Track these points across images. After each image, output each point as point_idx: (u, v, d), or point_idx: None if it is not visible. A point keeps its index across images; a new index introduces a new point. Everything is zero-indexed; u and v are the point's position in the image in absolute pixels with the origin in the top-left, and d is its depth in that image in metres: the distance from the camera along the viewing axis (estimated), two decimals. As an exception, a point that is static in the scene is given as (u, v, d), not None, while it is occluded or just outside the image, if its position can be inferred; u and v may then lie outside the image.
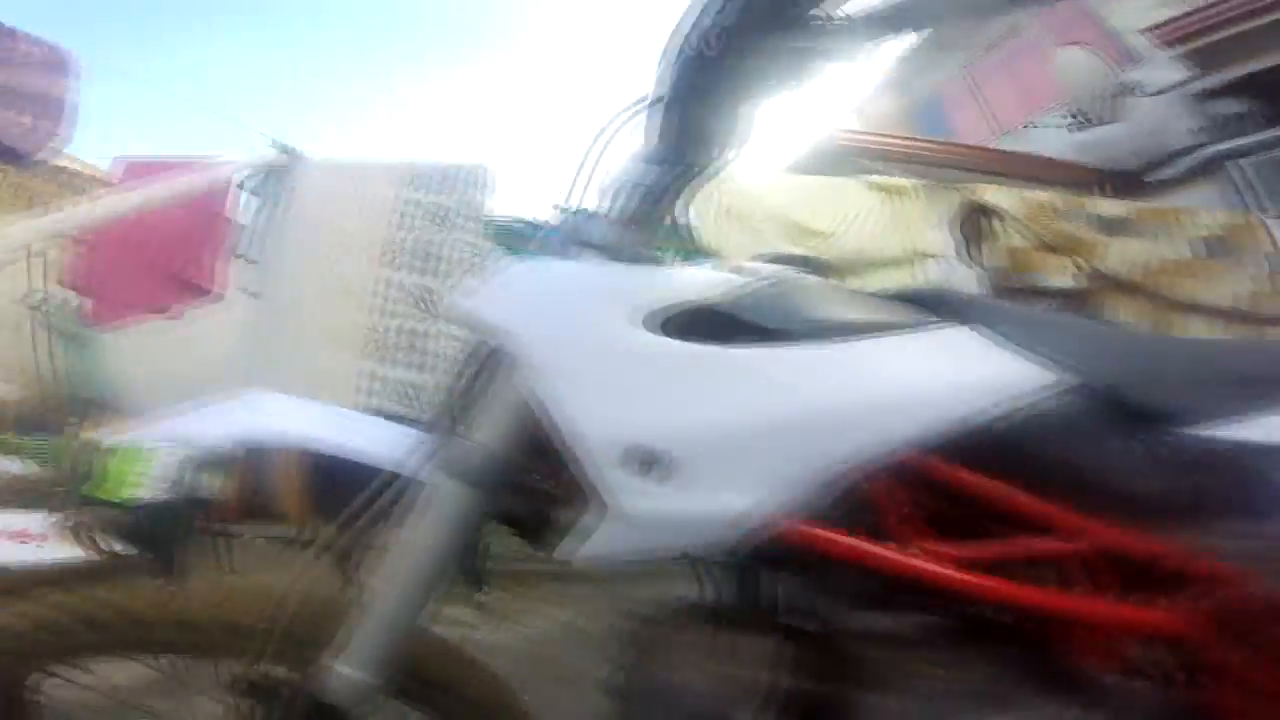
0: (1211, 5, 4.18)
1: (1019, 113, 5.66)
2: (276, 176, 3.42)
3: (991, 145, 4.77)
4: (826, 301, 0.59)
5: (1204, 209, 3.36)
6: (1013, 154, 4.38)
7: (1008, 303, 0.76)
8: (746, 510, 0.50)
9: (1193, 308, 2.82)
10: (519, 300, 0.59)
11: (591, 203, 0.69)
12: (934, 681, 0.58)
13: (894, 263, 3.85)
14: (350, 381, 3.20)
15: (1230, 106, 4.58)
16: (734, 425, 0.52)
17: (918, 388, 0.54)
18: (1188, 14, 4.19)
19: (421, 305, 3.38)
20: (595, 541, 0.52)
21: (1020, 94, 5.69)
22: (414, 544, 0.63)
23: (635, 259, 0.59)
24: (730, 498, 0.50)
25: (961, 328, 0.57)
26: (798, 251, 3.66)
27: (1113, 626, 0.57)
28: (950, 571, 0.53)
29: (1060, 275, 2.74)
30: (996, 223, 2.91)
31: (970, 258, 3.04)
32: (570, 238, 0.63)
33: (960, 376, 0.55)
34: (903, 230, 3.85)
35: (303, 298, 3.30)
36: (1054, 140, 5.07)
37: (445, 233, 3.49)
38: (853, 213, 3.82)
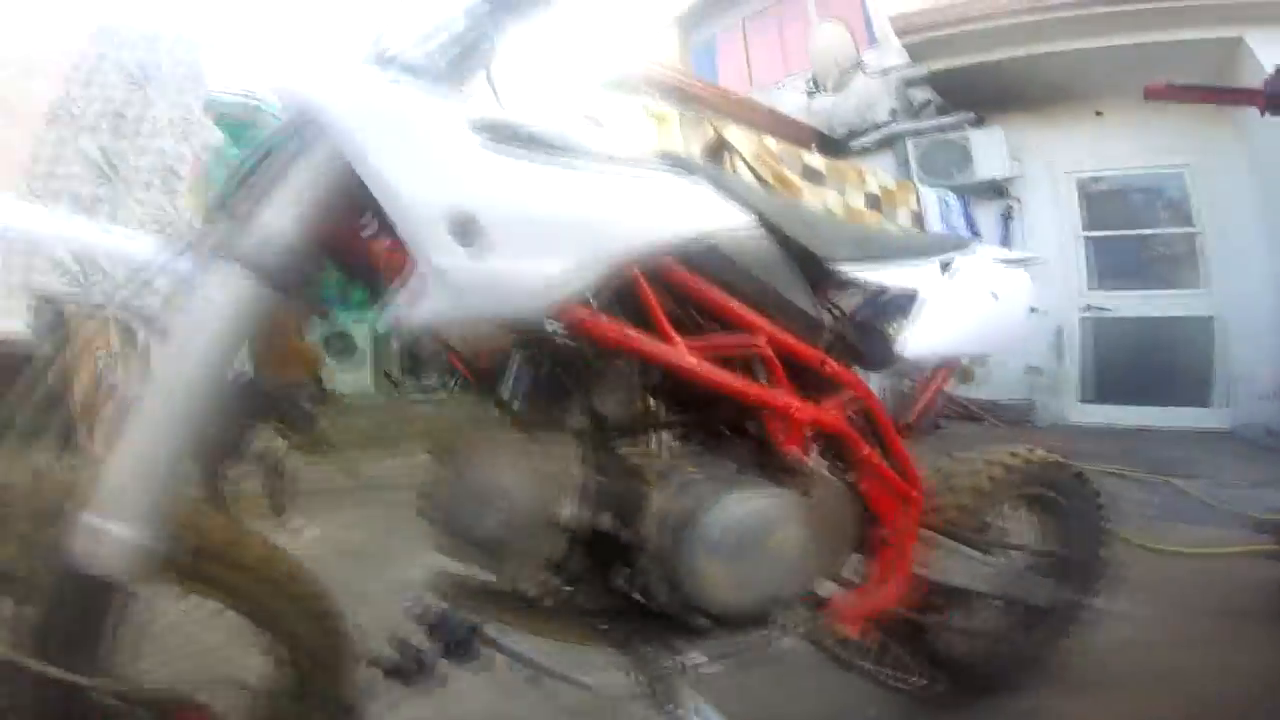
0: (943, 6, 5.07)
1: (774, 73, 6.43)
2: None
3: (745, 95, 5.34)
4: (613, 143, 0.70)
5: (878, 171, 4.22)
6: (757, 105, 4.97)
7: (725, 171, 0.96)
8: (549, 281, 0.58)
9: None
10: (349, 87, 0.57)
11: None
12: (684, 472, 0.75)
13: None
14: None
15: (920, 95, 5.69)
16: (540, 209, 0.59)
17: (673, 209, 0.70)
18: (921, 11, 4.91)
19: (104, 171, 2.84)
20: (417, 309, 0.55)
21: (779, 57, 6.47)
22: (187, 349, 0.55)
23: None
24: (537, 267, 0.58)
25: (702, 180, 0.75)
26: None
27: (791, 413, 0.77)
28: (689, 359, 0.69)
29: (770, 209, 3.29)
30: (731, 156, 3.34)
31: (707, 186, 3.47)
32: (377, 54, 0.63)
33: (699, 208, 0.73)
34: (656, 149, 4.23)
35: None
36: (790, 101, 5.87)
37: (145, 93, 2.94)
38: (623, 129, 4.06)
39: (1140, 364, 4.81)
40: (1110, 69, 4.51)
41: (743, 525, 0.71)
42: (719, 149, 3.41)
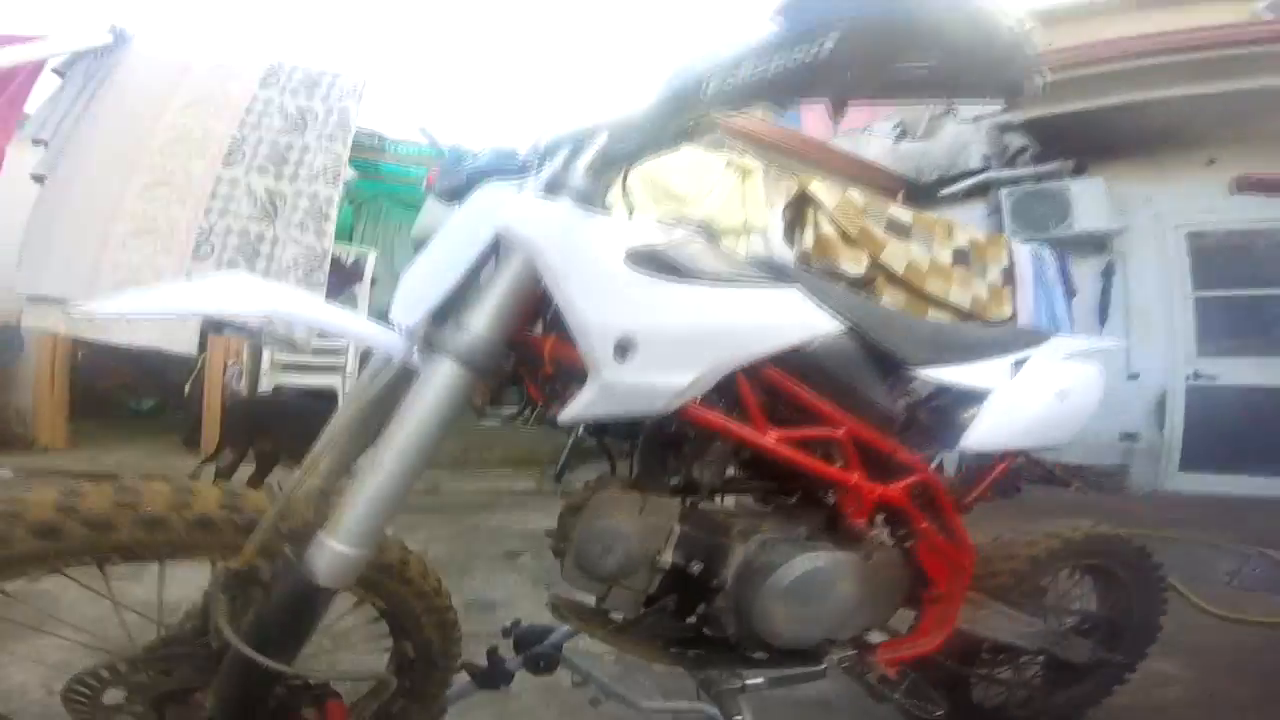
0: (1044, 54, 4.98)
1: (861, 117, 6.46)
2: (96, 58, 3.01)
3: (829, 142, 5.43)
4: (721, 258, 0.87)
5: (966, 224, 4.18)
6: (842, 154, 5.05)
7: (818, 276, 1.06)
8: (679, 388, 0.77)
9: (938, 303, 3.64)
10: (543, 226, 0.71)
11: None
12: (763, 533, 0.90)
13: (731, 232, 4.39)
14: (171, 279, 3.04)
15: (1014, 141, 5.58)
16: (674, 329, 0.77)
17: (770, 321, 0.86)
18: None
19: (267, 209, 3.25)
20: (585, 403, 0.72)
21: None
22: (412, 422, 0.70)
23: (601, 207, 0.78)
24: (671, 378, 0.76)
25: (791, 287, 0.90)
26: (659, 211, 4.00)
27: (861, 492, 0.92)
28: (776, 444, 0.86)
29: (852, 263, 3.37)
30: (815, 211, 3.46)
31: (790, 238, 3.60)
32: (547, 181, 0.77)
33: (794, 317, 0.89)
34: (743, 205, 4.38)
35: (112, 187, 2.94)
36: (878, 146, 5.88)
37: (304, 138, 3.34)
38: (709, 184, 4.27)
39: (1248, 432, 4.49)
40: (1219, 112, 4.32)
41: (809, 580, 0.86)
42: (802, 202, 3.53)
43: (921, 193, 5.61)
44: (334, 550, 0.68)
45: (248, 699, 0.71)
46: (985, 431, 1.00)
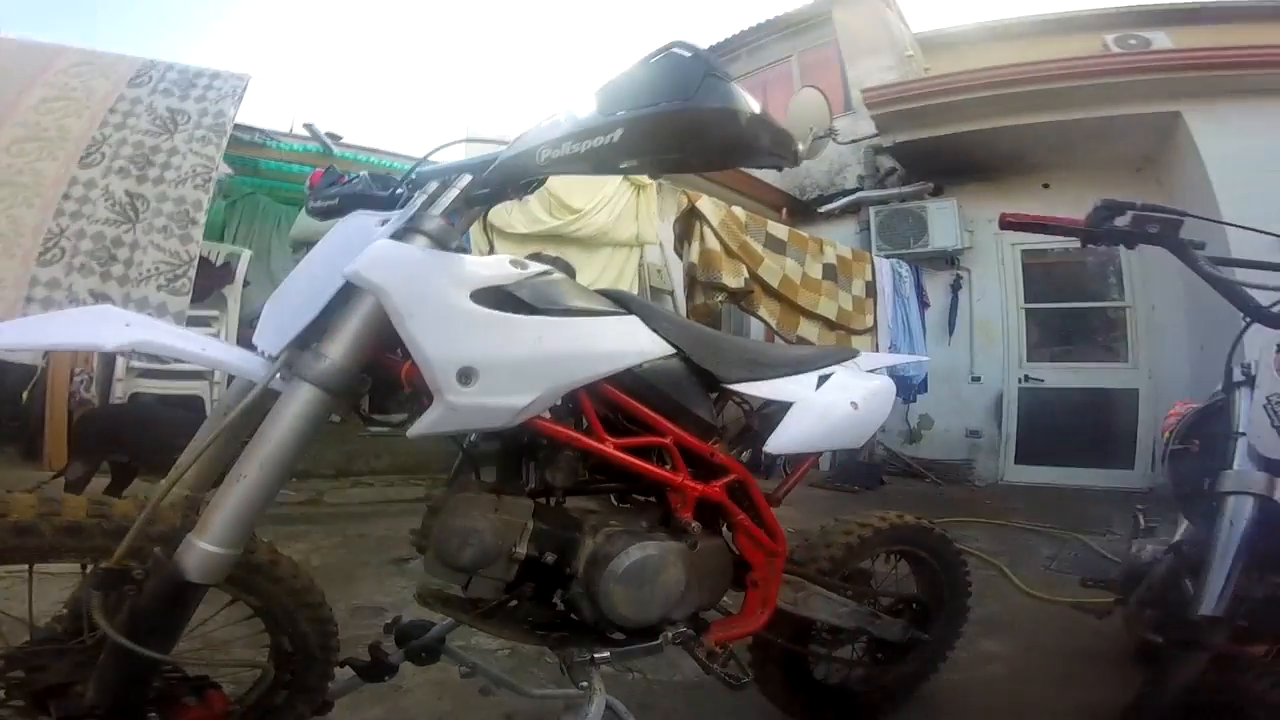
0: (910, 83, 5.43)
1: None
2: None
3: (722, 158, 5.72)
4: (567, 292, 0.98)
5: (835, 242, 4.57)
6: (734, 170, 5.35)
7: (654, 304, 1.17)
8: (518, 406, 0.87)
9: (808, 314, 4.00)
10: (391, 271, 0.80)
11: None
12: (609, 528, 1.03)
13: (624, 244, 4.58)
14: (18, 287, 2.80)
15: (885, 163, 6.11)
16: (514, 358, 0.87)
17: (608, 347, 0.99)
18: (890, 85, 5.40)
19: (127, 212, 2.99)
20: (431, 421, 0.81)
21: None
22: (275, 438, 0.78)
23: (456, 248, 0.87)
24: (509, 399, 0.86)
25: (630, 316, 1.05)
26: (554, 223, 4.10)
27: (685, 490, 1.07)
28: (614, 451, 1.00)
29: (733, 276, 3.62)
30: (702, 225, 3.67)
31: (678, 251, 3.81)
32: (407, 221, 0.87)
33: (627, 343, 1.03)
34: (636, 219, 4.59)
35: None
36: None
37: (173, 139, 3.15)
38: (604, 197, 4.42)
39: (1068, 428, 5.19)
40: (1055, 142, 4.90)
41: (643, 566, 1.00)
42: (690, 217, 3.74)
43: (803, 209, 6.06)
44: (203, 550, 0.74)
45: (128, 688, 0.76)
46: (787, 436, 1.19)
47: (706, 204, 3.73)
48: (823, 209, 5.99)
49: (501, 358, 0.86)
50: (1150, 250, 1.19)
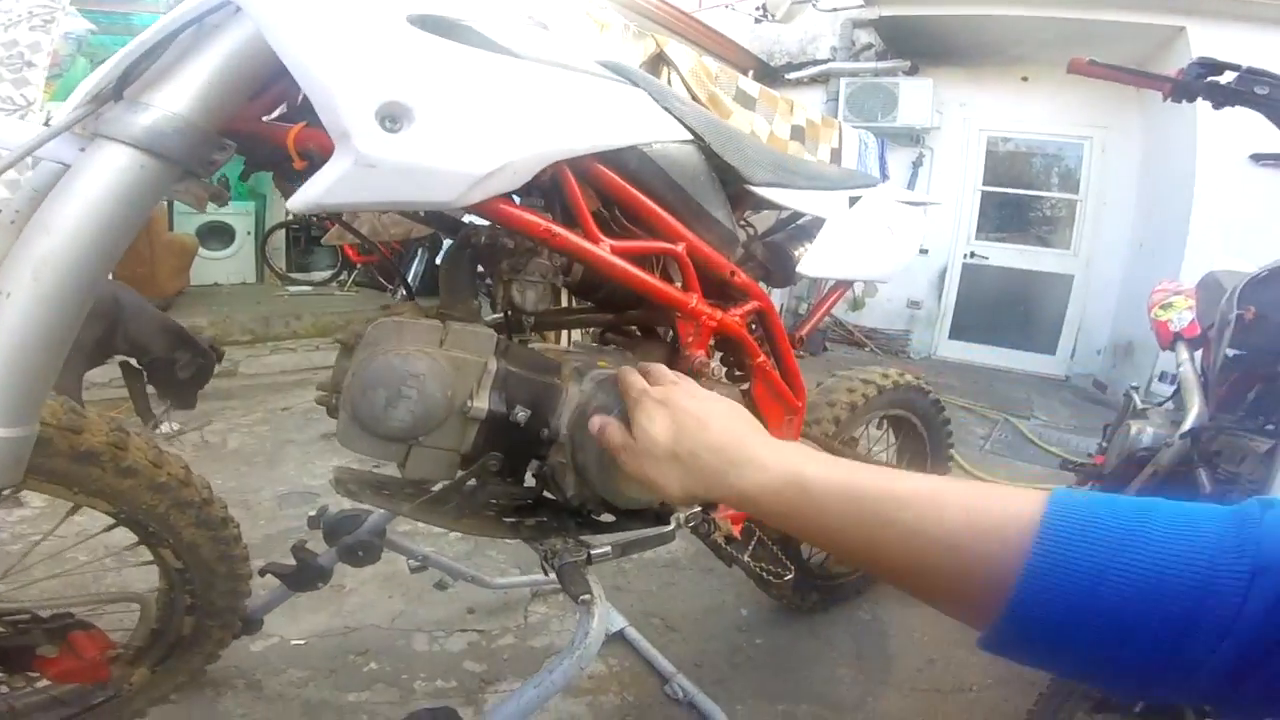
0: None
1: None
2: None
3: (694, 13, 5.15)
4: (554, 46, 0.66)
5: (806, 105, 4.29)
6: (703, 25, 4.83)
7: (668, 87, 0.93)
8: (475, 174, 0.56)
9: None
10: None
11: None
12: (599, 371, 0.73)
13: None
14: None
15: (862, 38, 5.71)
16: (471, 102, 0.56)
17: (610, 115, 0.69)
18: None
19: None
20: (337, 187, 0.51)
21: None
22: (62, 234, 0.50)
23: None
24: (461, 163, 0.56)
25: (637, 88, 0.74)
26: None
27: (699, 318, 0.80)
28: (610, 256, 0.70)
29: (701, 130, 3.29)
30: (669, 71, 3.28)
31: (642, 98, 3.41)
32: None
33: (635, 116, 0.73)
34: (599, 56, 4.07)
35: None
36: (737, 24, 5.73)
37: None
38: (566, 30, 3.85)
39: (1003, 309, 5.37)
40: (1046, 38, 4.68)
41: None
42: (658, 62, 3.34)
43: (771, 74, 5.61)
44: None
45: None
46: (822, 258, 0.98)
47: (676, 49, 3.31)
48: (790, 76, 5.57)
49: (451, 99, 0.55)
50: (1118, 148, 1.01)
